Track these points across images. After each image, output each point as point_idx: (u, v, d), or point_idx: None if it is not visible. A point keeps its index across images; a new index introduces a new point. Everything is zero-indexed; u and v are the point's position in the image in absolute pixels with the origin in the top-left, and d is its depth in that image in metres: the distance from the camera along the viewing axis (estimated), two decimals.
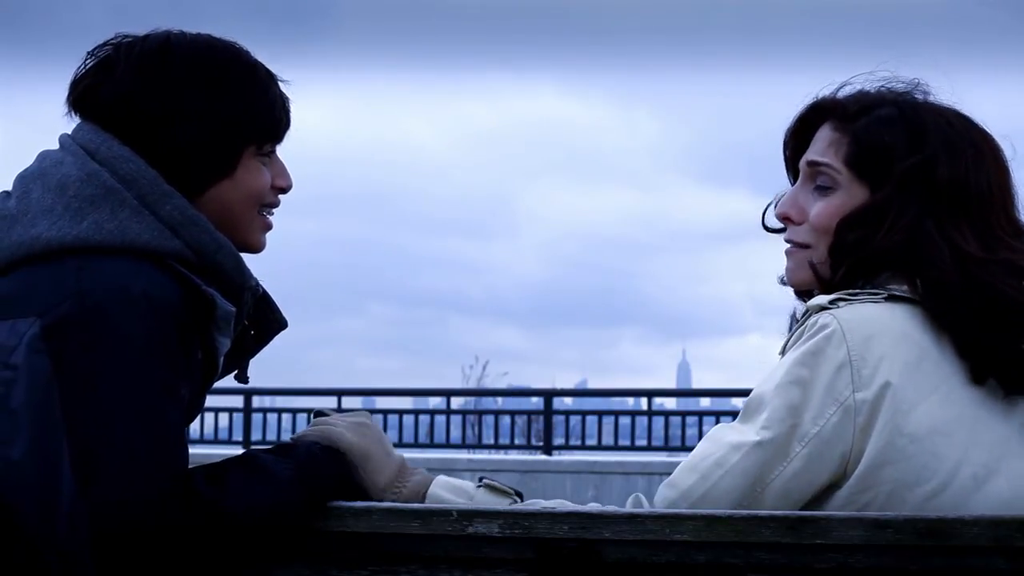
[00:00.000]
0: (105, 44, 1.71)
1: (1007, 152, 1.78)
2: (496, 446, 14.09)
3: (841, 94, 1.82)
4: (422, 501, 1.72)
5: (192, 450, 1.58)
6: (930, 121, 1.73)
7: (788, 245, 1.82)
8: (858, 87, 1.82)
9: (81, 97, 1.69)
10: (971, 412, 1.62)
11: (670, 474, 1.68)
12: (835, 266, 1.73)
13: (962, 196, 1.69)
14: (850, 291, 1.67)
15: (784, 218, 1.81)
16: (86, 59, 1.71)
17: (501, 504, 1.70)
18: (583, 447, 13.18)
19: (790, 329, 1.79)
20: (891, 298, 1.66)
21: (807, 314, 1.68)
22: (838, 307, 1.65)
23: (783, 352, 1.71)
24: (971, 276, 1.64)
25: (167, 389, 1.53)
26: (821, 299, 1.67)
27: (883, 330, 1.62)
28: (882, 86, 1.81)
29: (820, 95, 1.83)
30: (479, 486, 1.76)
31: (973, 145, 1.73)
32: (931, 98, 1.79)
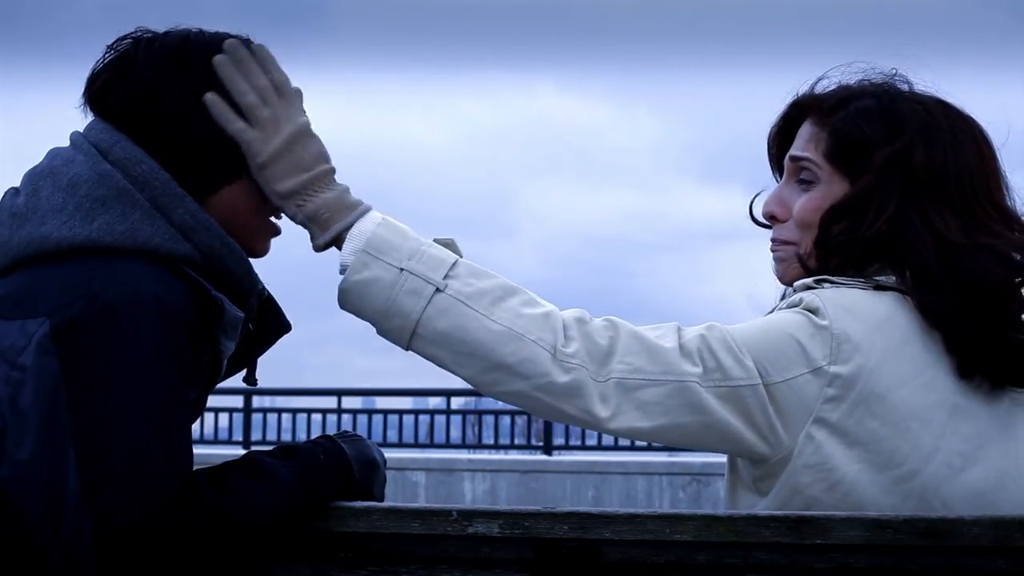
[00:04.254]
0: (125, 38, 1.70)
1: (999, 136, 1.76)
2: (496, 446, 14.08)
3: (819, 88, 1.82)
4: (344, 232, 1.64)
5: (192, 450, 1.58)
6: (907, 110, 1.73)
7: (774, 244, 1.81)
8: (836, 80, 1.82)
9: (98, 93, 1.68)
10: (952, 400, 1.61)
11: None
12: (821, 259, 1.72)
13: (941, 182, 1.68)
14: (837, 277, 1.67)
15: (770, 216, 1.81)
16: (105, 53, 1.70)
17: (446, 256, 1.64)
18: (583, 447, 13.15)
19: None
20: (878, 287, 1.66)
21: (793, 294, 1.68)
22: (824, 288, 1.65)
23: None
24: (952, 263, 1.63)
25: (175, 392, 1.52)
26: (807, 280, 1.68)
27: (866, 313, 1.62)
28: (862, 79, 1.80)
29: (799, 92, 1.83)
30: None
31: (952, 131, 1.72)
32: (912, 87, 1.78)
